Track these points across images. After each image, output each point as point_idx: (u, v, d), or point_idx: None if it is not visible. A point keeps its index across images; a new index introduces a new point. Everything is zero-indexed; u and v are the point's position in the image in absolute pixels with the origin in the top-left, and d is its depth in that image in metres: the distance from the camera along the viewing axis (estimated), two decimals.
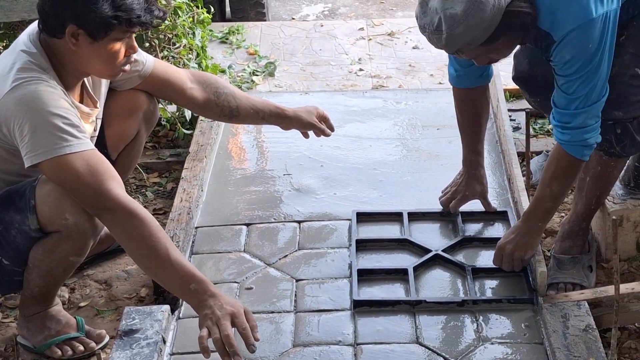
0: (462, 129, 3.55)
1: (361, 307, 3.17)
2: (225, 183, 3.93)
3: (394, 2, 6.90)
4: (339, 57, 5.19)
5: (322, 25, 5.64)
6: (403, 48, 5.26)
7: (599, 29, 2.88)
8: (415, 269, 3.33)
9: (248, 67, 5.01)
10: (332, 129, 3.82)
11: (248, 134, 4.30)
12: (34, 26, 2.95)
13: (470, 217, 3.61)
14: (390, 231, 3.58)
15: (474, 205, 3.64)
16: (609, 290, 3.11)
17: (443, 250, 3.41)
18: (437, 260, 3.38)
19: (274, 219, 3.67)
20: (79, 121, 2.85)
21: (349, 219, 3.63)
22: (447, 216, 3.62)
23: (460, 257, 3.39)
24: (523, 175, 3.70)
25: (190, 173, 3.81)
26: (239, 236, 3.57)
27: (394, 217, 3.64)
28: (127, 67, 2.97)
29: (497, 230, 3.54)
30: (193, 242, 3.54)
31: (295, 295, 3.26)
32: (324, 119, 3.79)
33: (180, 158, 4.09)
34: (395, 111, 4.50)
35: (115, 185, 2.82)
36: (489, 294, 3.22)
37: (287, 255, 3.46)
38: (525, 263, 3.24)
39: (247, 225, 3.64)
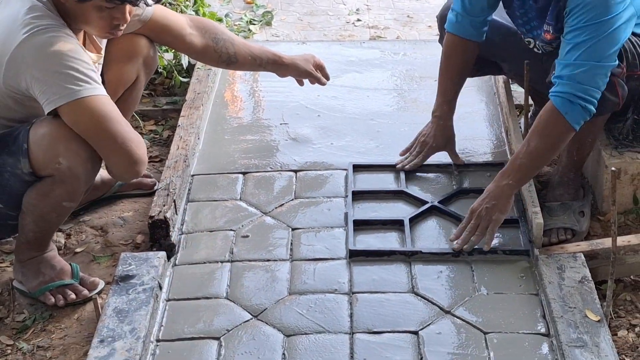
0: (442, 77, 3.57)
1: (357, 257, 3.17)
2: (221, 131, 3.91)
3: None
4: (336, 7, 5.16)
5: None
6: None
7: (620, 0, 2.95)
8: (411, 220, 3.33)
9: (245, 15, 4.98)
10: (327, 78, 3.80)
11: (245, 83, 4.27)
12: None
13: (466, 168, 3.60)
14: (386, 182, 3.57)
15: (470, 156, 3.64)
16: (605, 242, 3.11)
17: (439, 202, 3.40)
18: (433, 212, 3.38)
19: (271, 167, 3.67)
20: (94, 68, 2.86)
21: (346, 169, 3.62)
22: (442, 167, 3.62)
23: (455, 209, 3.38)
24: (520, 128, 3.68)
25: (187, 121, 3.79)
26: (235, 184, 3.56)
27: (390, 168, 3.63)
28: (118, 33, 2.96)
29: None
30: (189, 190, 3.53)
31: (291, 243, 3.26)
32: (320, 67, 3.77)
33: (177, 106, 4.07)
34: (393, 62, 4.48)
35: (129, 132, 2.90)
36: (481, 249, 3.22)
37: (283, 204, 3.46)
38: (493, 229, 3.13)
39: (244, 173, 3.63)
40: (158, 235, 3.20)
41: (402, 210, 3.41)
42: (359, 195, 3.48)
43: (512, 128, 3.66)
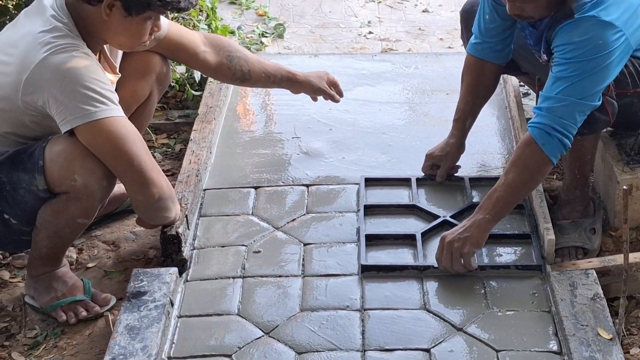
0: (460, 96, 3.59)
1: (369, 272, 3.17)
2: (233, 145, 3.92)
3: None
4: (348, 19, 5.17)
5: None
6: (413, 11, 5.24)
7: (616, 39, 2.94)
8: (423, 234, 3.32)
9: (257, 28, 4.99)
10: (341, 95, 3.81)
11: (257, 96, 4.28)
12: None
13: (478, 182, 3.60)
14: (398, 196, 3.57)
15: (481, 171, 3.64)
16: (617, 259, 3.10)
17: (451, 216, 3.40)
18: (445, 226, 3.37)
19: (282, 182, 3.67)
20: (112, 88, 2.87)
21: (358, 183, 3.62)
22: (454, 181, 3.62)
23: None
24: None
25: (199, 135, 3.80)
26: (247, 199, 3.57)
27: (402, 182, 3.63)
28: (144, 46, 3.02)
29: None
30: (201, 204, 3.53)
31: (303, 259, 3.26)
32: (333, 84, 3.78)
33: (189, 119, 4.08)
34: (405, 75, 4.48)
35: (145, 155, 2.91)
36: (496, 261, 3.21)
37: (295, 219, 3.46)
38: (467, 263, 3.09)
39: (255, 188, 3.63)
40: (170, 251, 3.20)
41: (414, 225, 3.41)
42: (370, 210, 3.47)
43: None
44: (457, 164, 3.64)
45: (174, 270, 3.13)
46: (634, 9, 3.03)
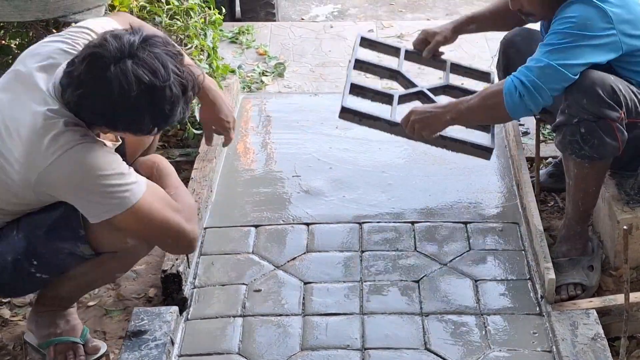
0: (482, 9, 3.94)
1: (346, 114, 3.63)
2: (234, 184, 3.93)
3: (403, 4, 6.90)
4: (348, 58, 5.18)
5: (331, 27, 5.64)
6: None
7: (605, 28, 3.14)
8: (400, 97, 3.74)
9: (258, 67, 5.01)
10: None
11: (257, 135, 4.30)
12: (42, 65, 2.73)
13: (456, 68, 4.03)
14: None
15: (482, 210, 3.67)
16: (618, 298, 3.11)
17: (428, 89, 3.80)
18: (419, 95, 3.80)
19: (283, 220, 3.68)
20: (123, 164, 2.71)
21: (358, 222, 3.63)
22: (437, 61, 4.02)
23: (467, 268, 3.39)
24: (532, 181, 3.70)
25: (200, 173, 3.81)
26: (247, 237, 3.58)
27: (393, 50, 4.09)
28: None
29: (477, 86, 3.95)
30: (202, 242, 3.54)
31: (303, 298, 3.26)
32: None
33: (190, 158, 4.09)
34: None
35: (179, 216, 2.77)
36: (496, 303, 3.22)
37: (295, 258, 3.46)
38: (420, 137, 3.54)
39: (256, 226, 3.64)
40: (171, 290, 3.21)
41: (416, 267, 3.41)
42: (360, 65, 3.94)
43: (523, 181, 3.67)
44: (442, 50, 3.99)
45: (175, 309, 3.13)
46: (633, 17, 3.19)
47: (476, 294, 3.25)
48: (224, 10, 4.80)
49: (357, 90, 3.76)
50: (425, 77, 4.48)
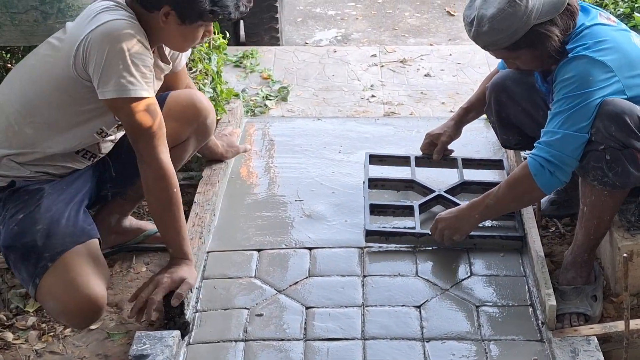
0: (475, 92, 4.04)
1: (372, 237, 3.64)
2: (237, 208, 3.95)
3: (406, 29, 6.95)
4: (351, 83, 5.22)
5: (335, 51, 5.67)
6: (415, 75, 5.29)
7: (607, 78, 3.13)
8: (421, 206, 3.80)
9: (261, 91, 5.04)
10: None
11: (260, 159, 4.32)
12: None
13: (469, 163, 4.11)
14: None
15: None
16: (619, 325, 3.12)
17: (445, 192, 3.86)
18: (439, 199, 3.85)
19: (285, 244, 3.69)
20: (151, 69, 3.05)
21: (360, 247, 3.65)
22: (449, 161, 4.13)
23: (464, 295, 3.40)
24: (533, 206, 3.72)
25: (203, 197, 3.83)
26: (250, 262, 3.59)
27: (403, 160, 4.14)
28: (196, 46, 3.43)
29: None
30: (204, 266, 3.55)
31: (305, 322, 3.27)
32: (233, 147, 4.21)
33: (193, 182, 4.11)
34: (407, 139, 4.51)
35: (162, 141, 3.10)
36: (497, 329, 3.22)
37: (297, 282, 3.48)
38: (451, 242, 3.54)
39: (258, 250, 3.66)
40: (173, 314, 3.21)
41: (418, 293, 3.43)
42: (374, 183, 3.97)
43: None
44: (450, 148, 4.10)
45: (177, 333, 3.14)
46: (630, 59, 3.19)
47: (477, 320, 3.26)
48: (228, 34, 4.84)
49: (377, 209, 3.82)
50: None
